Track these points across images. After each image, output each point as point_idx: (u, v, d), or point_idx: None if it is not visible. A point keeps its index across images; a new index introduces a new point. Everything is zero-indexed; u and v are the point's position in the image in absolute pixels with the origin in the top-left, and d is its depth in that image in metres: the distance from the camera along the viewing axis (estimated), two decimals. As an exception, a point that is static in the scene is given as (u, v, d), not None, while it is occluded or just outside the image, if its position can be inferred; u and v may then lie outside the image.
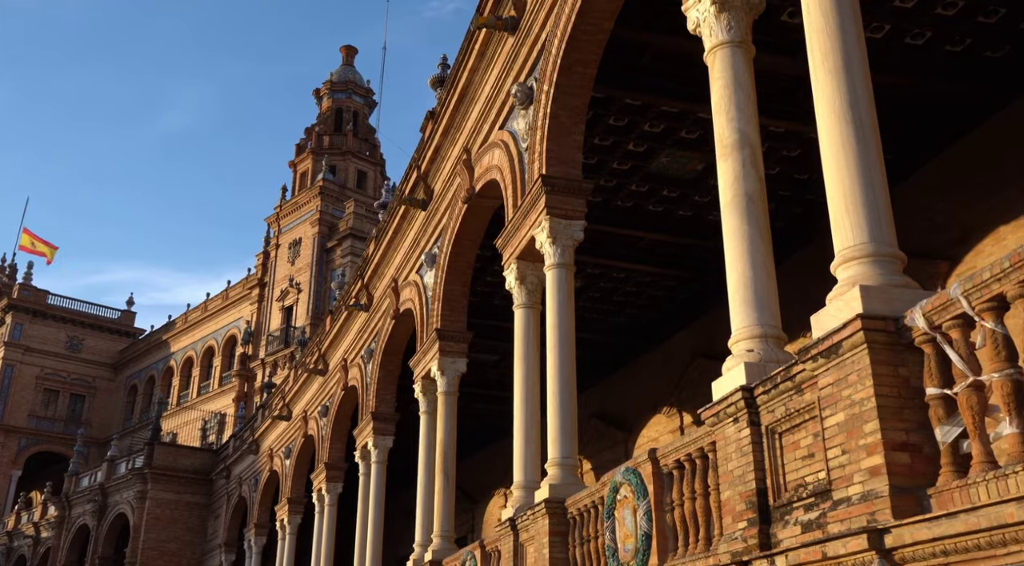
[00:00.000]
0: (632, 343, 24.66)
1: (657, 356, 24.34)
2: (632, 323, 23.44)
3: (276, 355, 55.46)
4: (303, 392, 31.42)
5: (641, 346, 24.64)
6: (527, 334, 12.76)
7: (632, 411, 25.53)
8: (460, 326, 17.15)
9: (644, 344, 24.52)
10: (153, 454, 43.67)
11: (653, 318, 22.77)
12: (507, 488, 29.57)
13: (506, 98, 14.12)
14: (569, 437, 11.04)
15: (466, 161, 15.80)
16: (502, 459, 28.41)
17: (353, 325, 25.70)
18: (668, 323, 23.19)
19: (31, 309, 73.83)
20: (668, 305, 22.52)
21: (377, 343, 22.53)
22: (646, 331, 23.86)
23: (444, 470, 16.27)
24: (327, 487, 26.85)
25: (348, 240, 54.82)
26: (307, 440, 30.77)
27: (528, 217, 12.27)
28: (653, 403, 24.61)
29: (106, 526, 45.11)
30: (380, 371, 22.21)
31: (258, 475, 37.28)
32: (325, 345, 28.11)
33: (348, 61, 65.60)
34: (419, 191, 18.69)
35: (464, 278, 17.21)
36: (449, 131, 16.98)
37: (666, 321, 23.08)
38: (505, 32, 13.66)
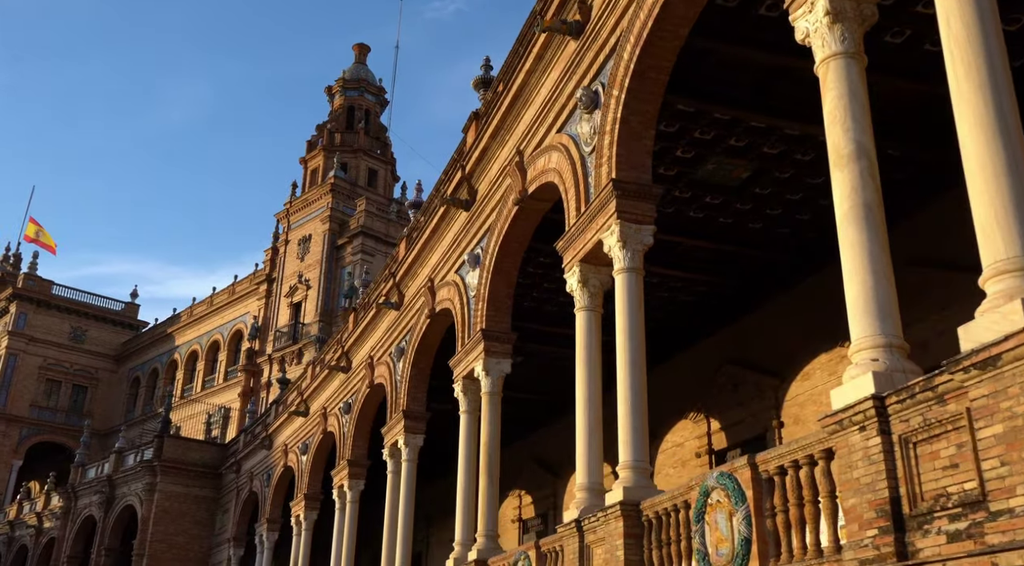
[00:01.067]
0: (655, 348, 24.57)
1: (683, 362, 24.30)
2: (657, 328, 23.39)
3: (284, 351, 55.47)
4: (322, 389, 31.43)
5: (665, 352, 24.56)
6: (590, 337, 12.83)
7: (655, 416, 25.48)
8: (505, 327, 17.23)
9: (668, 350, 24.45)
10: (163, 447, 43.61)
11: (680, 324, 22.79)
12: (519, 489, 29.62)
13: (566, 101, 14.18)
14: (641, 439, 11.11)
15: (518, 163, 15.85)
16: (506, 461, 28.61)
17: (381, 323, 25.73)
18: (696, 329, 23.25)
19: (35, 299, 73.80)
20: (697, 311, 22.61)
21: (409, 341, 22.57)
22: (671, 337, 23.84)
23: (488, 471, 16.34)
24: (349, 484, 26.86)
25: (359, 238, 54.83)
26: (326, 436, 30.79)
27: (595, 221, 12.33)
28: (679, 408, 24.65)
29: (113, 518, 45.05)
30: (412, 369, 22.24)
31: (271, 470, 37.28)
32: (349, 342, 28.13)
33: (360, 59, 65.61)
34: (462, 191, 18.74)
35: (510, 279, 17.27)
36: (499, 133, 17.03)
37: (694, 327, 23.14)
38: (568, 36, 13.71)
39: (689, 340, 23.53)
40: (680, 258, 19.73)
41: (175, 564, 42.31)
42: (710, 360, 22.98)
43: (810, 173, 15.54)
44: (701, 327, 23.16)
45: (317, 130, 62.61)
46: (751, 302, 21.38)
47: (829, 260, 17.80)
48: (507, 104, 16.24)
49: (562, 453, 29.59)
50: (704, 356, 23.36)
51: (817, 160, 15.32)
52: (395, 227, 57.06)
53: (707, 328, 23.09)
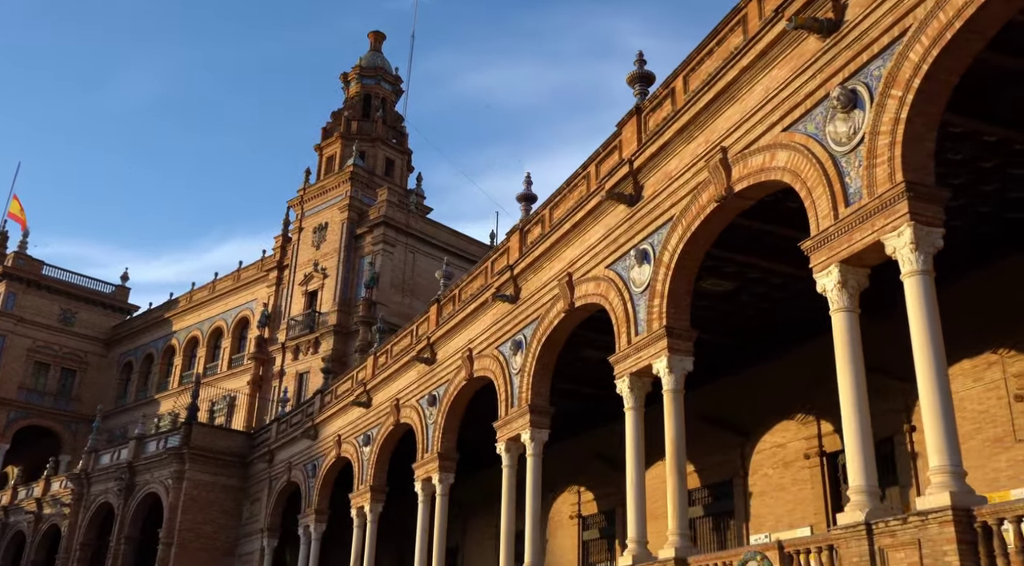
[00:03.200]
0: (754, 345, 24.57)
1: (786, 360, 24.27)
2: (753, 326, 23.37)
3: (299, 340, 54.78)
4: (392, 380, 31.08)
5: (765, 349, 24.58)
6: (853, 337, 12.78)
7: (750, 415, 25.54)
8: (686, 324, 17.14)
9: (768, 347, 24.45)
10: (191, 434, 42.84)
11: (780, 322, 22.66)
12: (578, 486, 29.12)
13: (802, 99, 14.11)
14: (953, 438, 11.06)
15: (722, 160, 15.74)
16: (565, 455, 28.36)
17: (482, 316, 25.48)
18: (801, 328, 23.14)
19: (25, 278, 72.17)
20: (805, 309, 22.44)
21: (532, 335, 22.36)
22: (771, 334, 23.83)
23: (677, 468, 16.27)
24: (440, 477, 26.63)
25: (380, 228, 54.28)
26: (397, 428, 30.47)
27: (870, 222, 12.26)
28: (779, 409, 24.71)
29: (133, 505, 44.17)
30: (536, 364, 22.05)
31: (316, 461, 36.80)
32: (436, 335, 27.81)
33: (376, 47, 64.98)
34: (626, 186, 18.58)
35: (691, 275, 17.19)
36: (687, 129, 16.91)
37: (799, 326, 23.01)
38: (812, 33, 13.63)
39: (792, 338, 23.47)
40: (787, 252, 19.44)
41: (202, 553, 41.61)
42: (822, 361, 22.95)
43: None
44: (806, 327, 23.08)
45: (332, 117, 61.88)
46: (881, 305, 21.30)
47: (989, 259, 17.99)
48: (707, 100, 16.10)
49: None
50: (814, 356, 23.30)
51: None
52: (415, 218, 56.66)
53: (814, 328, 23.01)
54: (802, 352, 23.39)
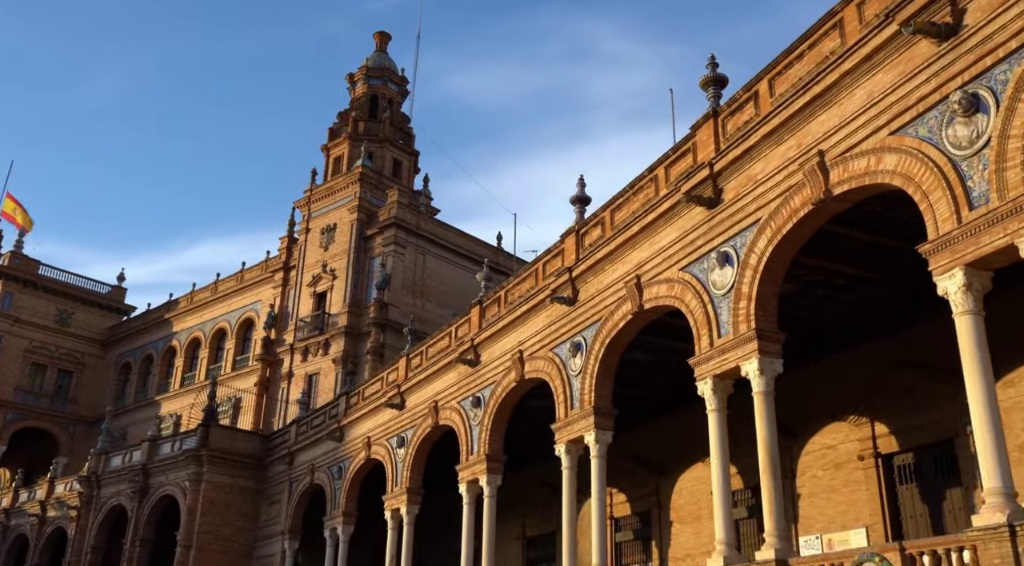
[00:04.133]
0: (804, 347, 24.56)
1: (838, 361, 24.38)
2: (805, 328, 23.39)
3: (308, 341, 54.51)
4: (429, 382, 31.01)
5: (816, 351, 24.65)
6: (979, 343, 12.87)
7: (798, 417, 25.58)
8: (774, 326, 17.21)
9: (819, 349, 24.53)
10: (208, 435, 42.54)
11: (835, 324, 22.80)
12: (609, 487, 28.35)
13: (914, 103, 14.20)
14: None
15: (819, 164, 15.83)
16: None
17: (534, 318, 25.46)
18: (854, 330, 23.32)
19: (22, 278, 71.47)
20: (858, 312, 22.59)
21: (594, 337, 22.38)
22: (823, 336, 23.95)
23: (772, 470, 16.32)
24: (488, 479, 26.60)
25: (391, 229, 54.11)
26: (435, 430, 30.41)
27: (1004, 226, 12.36)
28: (829, 410, 24.82)
29: (148, 508, 43.80)
30: (600, 366, 22.08)
31: (343, 463, 36.64)
32: (481, 337, 27.77)
33: (382, 47, 64.84)
34: (705, 189, 18.63)
35: (778, 278, 17.28)
36: (776, 132, 16.99)
37: (853, 328, 23.18)
38: (927, 38, 13.74)
39: (844, 342, 23.63)
40: (844, 253, 19.50)
41: (220, 556, 41.33)
42: (871, 362, 23.04)
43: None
44: (860, 329, 23.23)
45: (339, 118, 61.67)
46: (925, 306, 21.19)
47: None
48: (803, 102, 16.19)
49: (665, 451, 29.67)
50: (863, 358, 23.39)
51: None
52: (424, 219, 56.55)
53: (868, 329, 23.14)
54: (855, 354, 23.56)
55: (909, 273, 20.26)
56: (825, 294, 21.69)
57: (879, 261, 19.82)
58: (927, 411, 21.76)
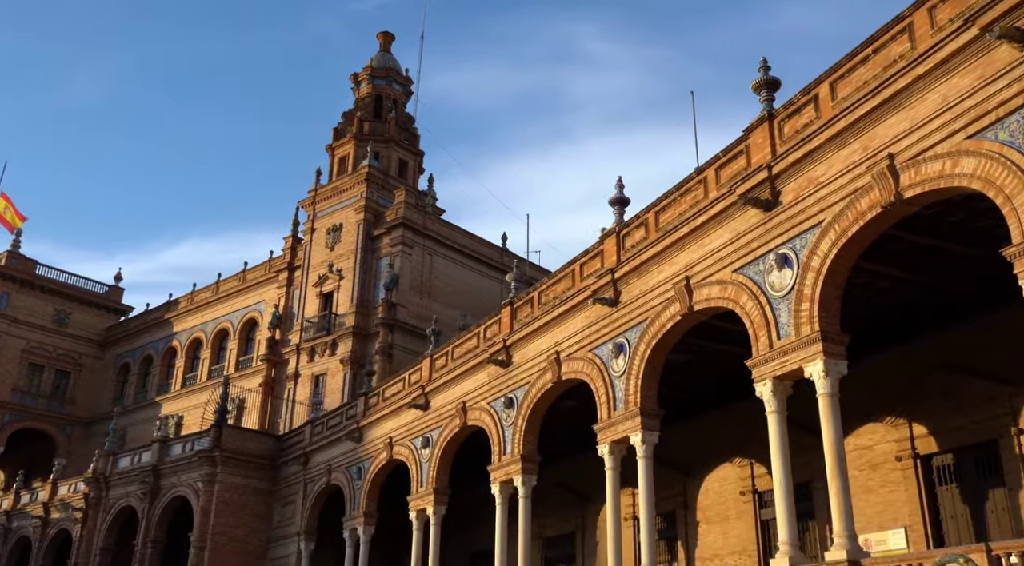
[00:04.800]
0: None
1: (873, 363, 24.36)
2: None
3: (315, 341, 54.33)
4: (456, 383, 31.02)
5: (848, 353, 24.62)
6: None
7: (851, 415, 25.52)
8: (837, 328, 17.34)
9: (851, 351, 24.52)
10: (221, 436, 42.37)
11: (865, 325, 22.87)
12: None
13: (994, 107, 14.33)
14: None
15: (888, 167, 15.96)
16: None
17: (571, 319, 25.52)
18: (892, 331, 23.42)
19: (19, 278, 70.90)
20: (896, 313, 22.71)
21: (639, 338, 22.45)
22: (856, 338, 23.98)
23: (839, 471, 16.44)
24: (523, 479, 26.65)
25: (399, 229, 54.00)
26: (463, 430, 30.44)
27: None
28: (864, 411, 24.95)
29: (159, 509, 43.58)
30: (646, 367, 22.16)
31: (362, 463, 36.59)
32: (513, 338, 27.80)
33: (385, 47, 64.71)
34: (762, 191, 18.74)
35: (841, 280, 17.41)
36: (841, 135, 17.11)
37: (891, 329, 23.29)
38: (1011, 42, 13.87)
39: (884, 343, 23.76)
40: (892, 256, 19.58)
41: (234, 557, 41.18)
42: (920, 361, 23.18)
43: None
44: (898, 331, 23.38)
45: (343, 118, 61.50)
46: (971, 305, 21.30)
47: None
48: (873, 105, 16.31)
49: (691, 452, 29.77)
50: (912, 357, 23.50)
51: None
52: (431, 220, 56.50)
53: (906, 332, 23.31)
54: (892, 356, 23.73)
55: (951, 276, 20.62)
56: (868, 296, 21.80)
57: (923, 263, 19.98)
58: (968, 413, 21.91)
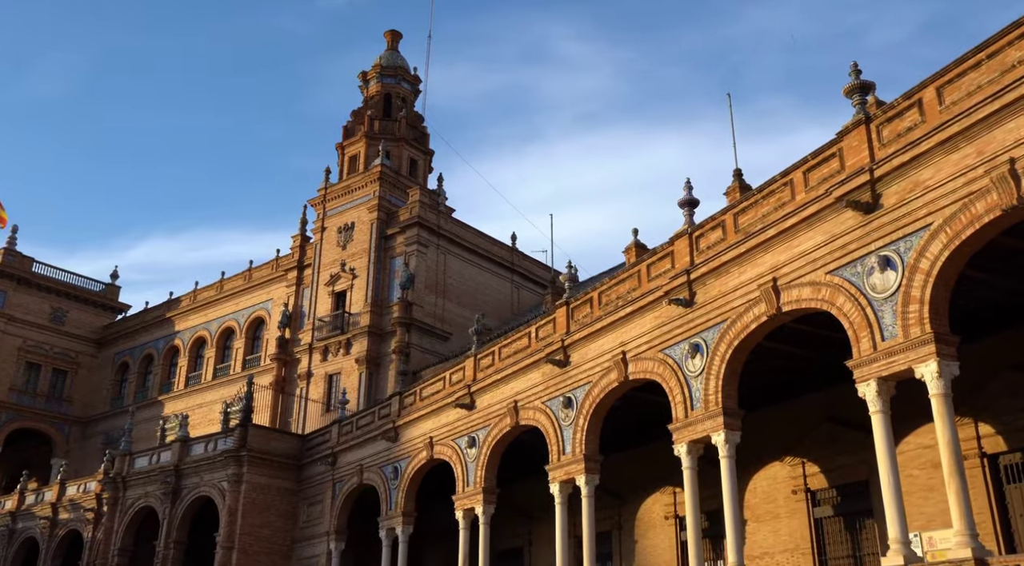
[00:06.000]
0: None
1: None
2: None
3: (328, 341, 54.19)
4: (505, 383, 31.10)
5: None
6: None
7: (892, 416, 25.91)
8: (947, 329, 17.63)
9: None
10: (247, 435, 42.16)
11: None
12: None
13: None
14: None
15: (1010, 171, 16.26)
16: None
17: (638, 319, 25.67)
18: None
19: (16, 276, 70.15)
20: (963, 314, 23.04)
21: (718, 338, 22.66)
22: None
23: (957, 470, 16.71)
24: (586, 478, 26.79)
25: (414, 228, 54.00)
26: (513, 430, 30.55)
27: None
28: (925, 411, 25.14)
29: (181, 509, 43.29)
30: (726, 367, 22.39)
31: (399, 463, 36.57)
32: (572, 338, 27.93)
33: (393, 46, 64.60)
34: (862, 194, 18.99)
35: (950, 282, 17.71)
36: (952, 140, 17.36)
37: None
38: None
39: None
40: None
41: (262, 557, 41.03)
42: (980, 364, 23.53)
43: None
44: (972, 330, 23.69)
45: (352, 116, 61.35)
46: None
47: None
48: (982, 114, 16.61)
49: (739, 451, 30.10)
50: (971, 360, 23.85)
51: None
52: (445, 219, 56.49)
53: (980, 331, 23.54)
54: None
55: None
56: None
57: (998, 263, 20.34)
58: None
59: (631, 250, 40.86)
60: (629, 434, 31.04)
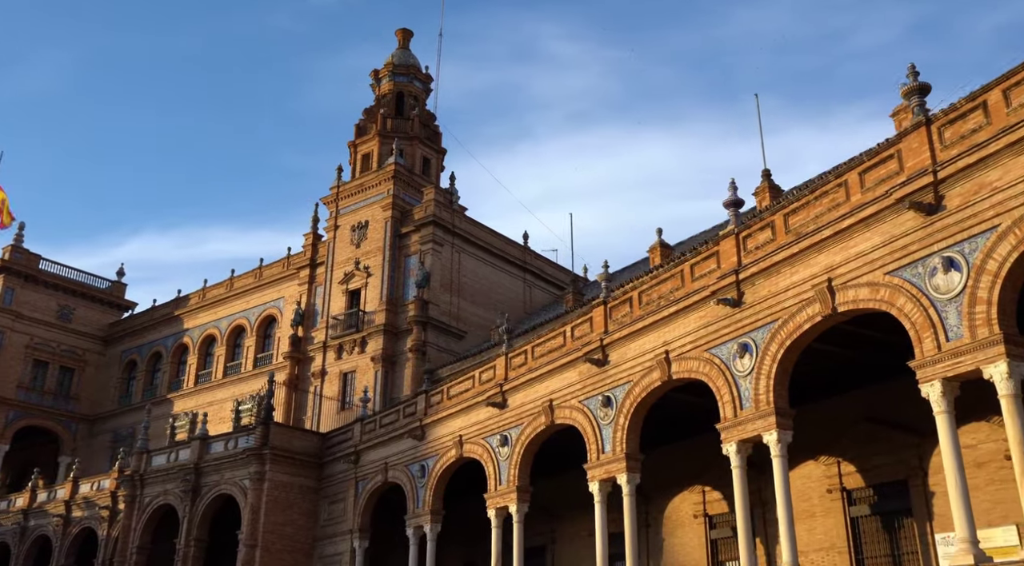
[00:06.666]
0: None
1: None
2: None
3: (343, 339, 54.14)
4: (539, 381, 31.13)
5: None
6: None
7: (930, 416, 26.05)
8: (1015, 330, 17.75)
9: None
10: (268, 434, 42.12)
11: None
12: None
13: None
14: None
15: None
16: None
17: (681, 319, 25.75)
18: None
19: (23, 273, 69.88)
20: None
21: (769, 338, 22.75)
22: None
23: (1029, 470, 16.83)
24: (627, 477, 26.88)
25: (429, 227, 53.99)
26: (548, 429, 30.62)
27: None
28: (966, 411, 25.29)
29: (201, 507, 43.19)
30: (778, 367, 22.48)
31: (426, 461, 36.58)
32: (612, 337, 28.00)
33: (404, 44, 64.55)
34: (925, 195, 19.11)
35: (1017, 284, 17.83)
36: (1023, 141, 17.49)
37: None
38: None
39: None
40: None
41: (285, 555, 40.98)
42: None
43: None
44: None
45: (365, 114, 61.27)
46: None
47: None
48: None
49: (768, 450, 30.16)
50: None
51: None
52: (459, 217, 56.51)
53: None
54: None
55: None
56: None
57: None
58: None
59: (656, 250, 41.05)
60: (656, 433, 31.05)
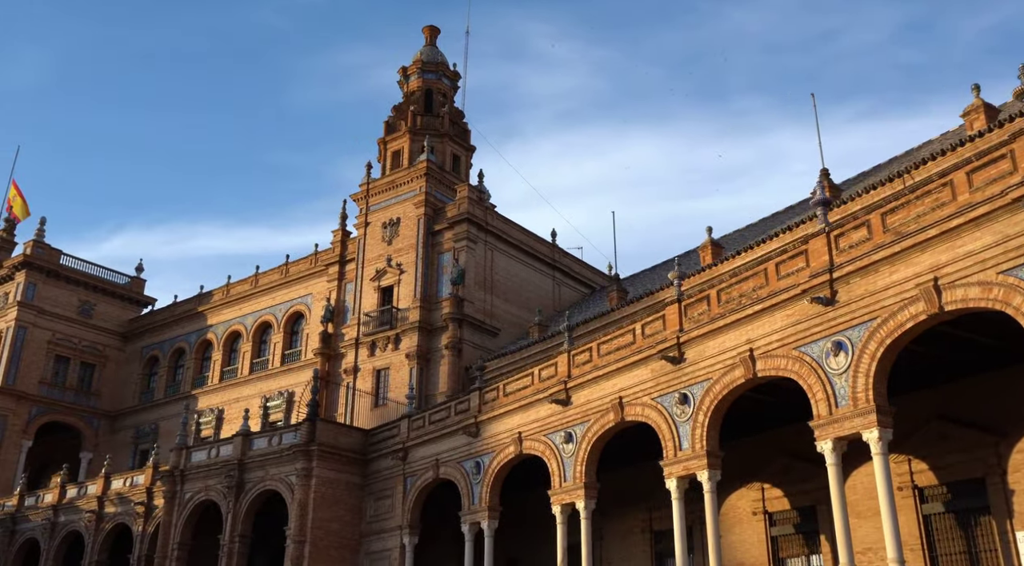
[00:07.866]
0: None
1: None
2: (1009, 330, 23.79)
3: (376, 336, 54.14)
4: (607, 379, 31.21)
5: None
6: None
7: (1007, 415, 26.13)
8: None
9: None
10: (315, 430, 42.14)
11: None
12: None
13: None
14: None
15: None
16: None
17: (766, 317, 25.87)
18: None
19: (45, 268, 69.66)
20: None
21: (867, 337, 22.91)
22: None
23: None
24: (708, 474, 27.02)
25: (463, 224, 54.02)
26: (617, 425, 30.77)
27: None
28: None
29: (245, 503, 43.17)
30: (876, 366, 22.66)
31: (481, 458, 36.67)
32: (688, 336, 28.14)
33: (431, 41, 64.57)
34: (1042, 196, 19.32)
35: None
36: None
37: None
38: None
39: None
40: None
41: (332, 551, 41.02)
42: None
43: None
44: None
45: (394, 111, 61.28)
46: None
47: None
48: None
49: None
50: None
51: None
52: (491, 215, 56.58)
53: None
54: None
55: None
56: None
57: None
58: None
59: (707, 247, 41.26)
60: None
